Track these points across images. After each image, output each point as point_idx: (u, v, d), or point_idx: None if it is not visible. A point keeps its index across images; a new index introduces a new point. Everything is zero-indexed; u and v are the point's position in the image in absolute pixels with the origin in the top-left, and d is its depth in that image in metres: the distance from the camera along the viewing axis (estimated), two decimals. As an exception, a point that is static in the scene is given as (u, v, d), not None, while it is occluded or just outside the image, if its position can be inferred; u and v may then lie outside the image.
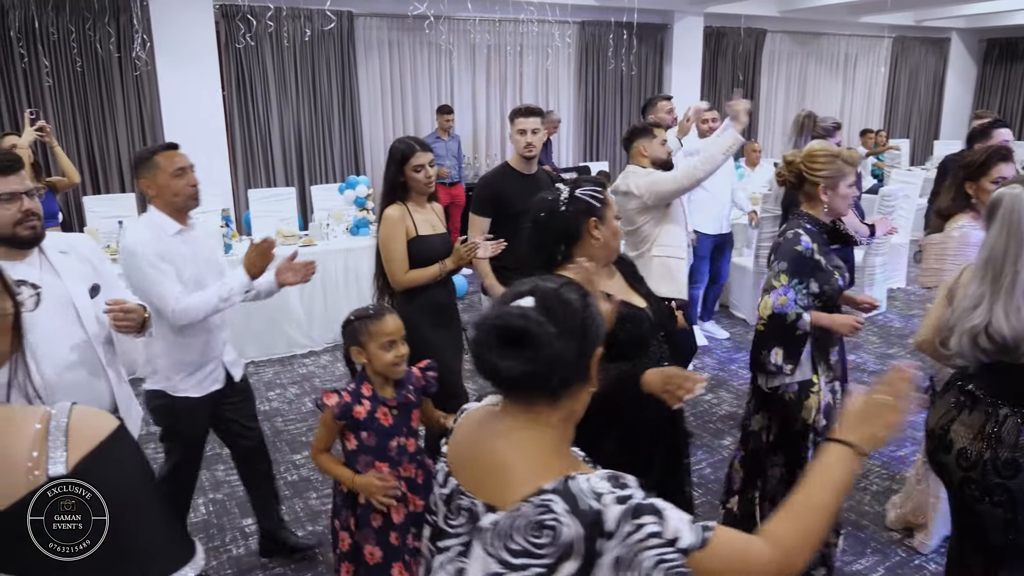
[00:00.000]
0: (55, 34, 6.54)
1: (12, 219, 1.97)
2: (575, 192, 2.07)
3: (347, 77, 7.93)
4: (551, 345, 1.13)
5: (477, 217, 3.49)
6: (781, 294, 2.47)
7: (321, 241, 5.85)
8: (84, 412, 1.03)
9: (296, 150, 7.84)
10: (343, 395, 2.22)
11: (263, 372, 5.39)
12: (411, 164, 3.06)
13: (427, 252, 3.09)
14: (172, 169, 2.56)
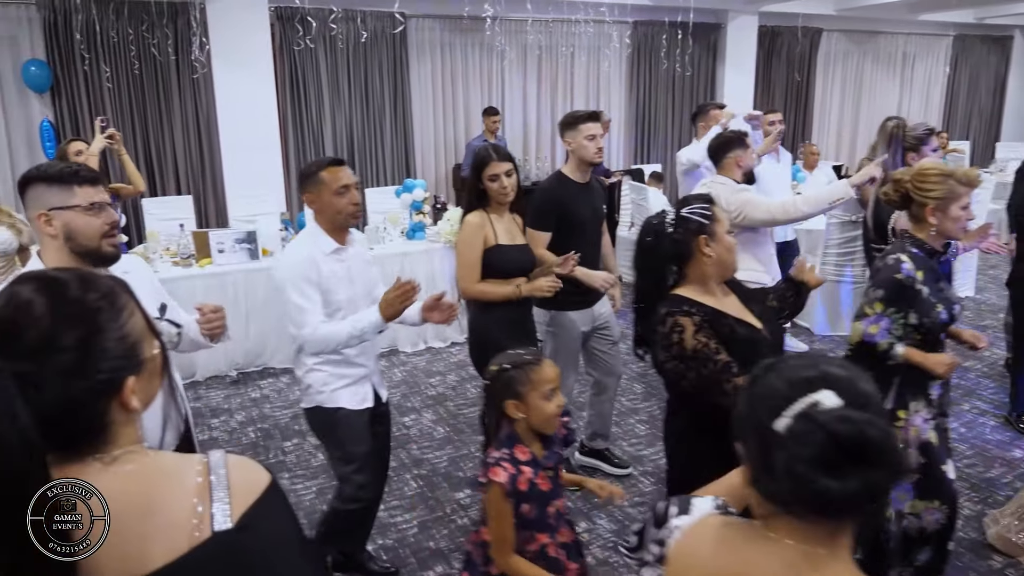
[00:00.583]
0: (115, 37, 6.58)
1: (100, 231, 1.88)
2: (682, 212, 2.04)
3: (399, 79, 7.89)
4: (893, 455, 0.96)
5: (538, 232, 3.29)
6: (873, 322, 2.35)
7: (377, 245, 5.80)
8: (239, 463, 1.01)
9: (348, 152, 7.82)
10: (505, 466, 1.90)
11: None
12: (487, 173, 2.98)
13: (505, 262, 3.00)
14: (336, 186, 2.49)
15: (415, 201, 5.81)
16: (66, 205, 1.83)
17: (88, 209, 1.85)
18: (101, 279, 0.99)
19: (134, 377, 0.96)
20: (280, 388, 5.16)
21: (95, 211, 1.86)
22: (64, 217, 1.82)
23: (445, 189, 8.34)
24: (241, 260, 5.30)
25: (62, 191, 1.84)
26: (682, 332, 1.93)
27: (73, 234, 1.84)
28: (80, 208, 1.84)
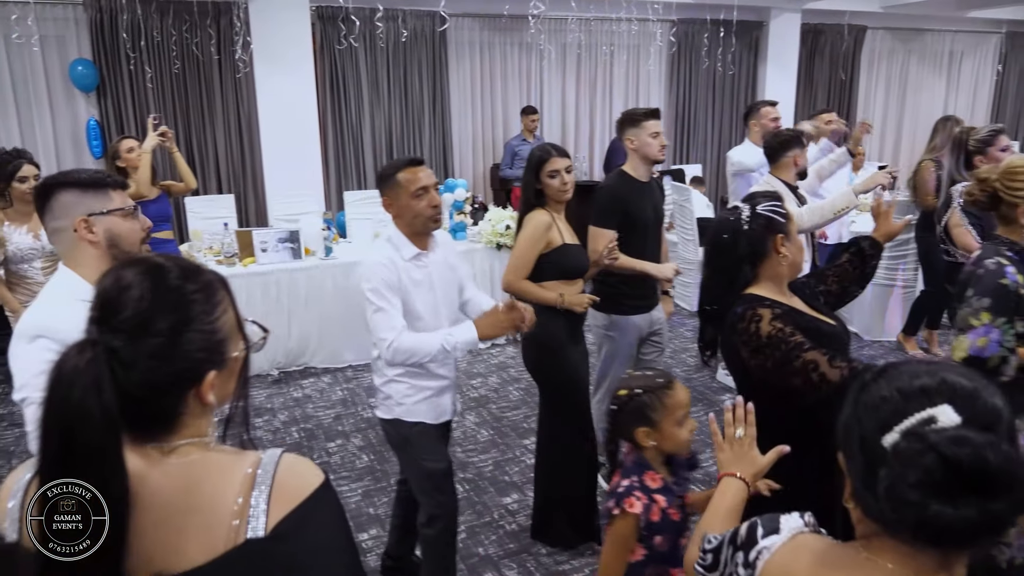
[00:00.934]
0: (158, 37, 6.63)
1: (140, 236, 1.84)
2: (757, 209, 1.95)
3: (438, 79, 7.86)
4: (1021, 484, 0.84)
5: (601, 229, 3.21)
6: (982, 334, 2.13)
7: (418, 245, 5.75)
8: (292, 463, 0.99)
9: (387, 152, 7.80)
10: (639, 496, 1.77)
11: (362, 378, 5.32)
12: (546, 169, 2.94)
13: (570, 262, 2.97)
14: (414, 188, 2.36)
15: (456, 201, 5.76)
16: (106, 210, 1.76)
17: (128, 214, 1.81)
18: (203, 272, 1.01)
19: (215, 372, 0.97)
20: (322, 388, 5.14)
21: (133, 216, 1.83)
22: (106, 223, 1.76)
23: (483, 189, 8.29)
24: (284, 259, 5.29)
25: (98, 196, 1.77)
26: (759, 321, 1.85)
27: (116, 239, 1.78)
28: (120, 212, 1.79)
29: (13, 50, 6.38)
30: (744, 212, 1.96)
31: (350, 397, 4.97)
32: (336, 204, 7.48)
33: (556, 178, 2.92)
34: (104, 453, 0.85)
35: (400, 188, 2.37)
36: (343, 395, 5.01)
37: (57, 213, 1.76)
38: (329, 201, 7.48)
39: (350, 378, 5.32)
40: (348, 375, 5.37)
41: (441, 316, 2.51)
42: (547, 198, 2.97)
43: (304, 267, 5.29)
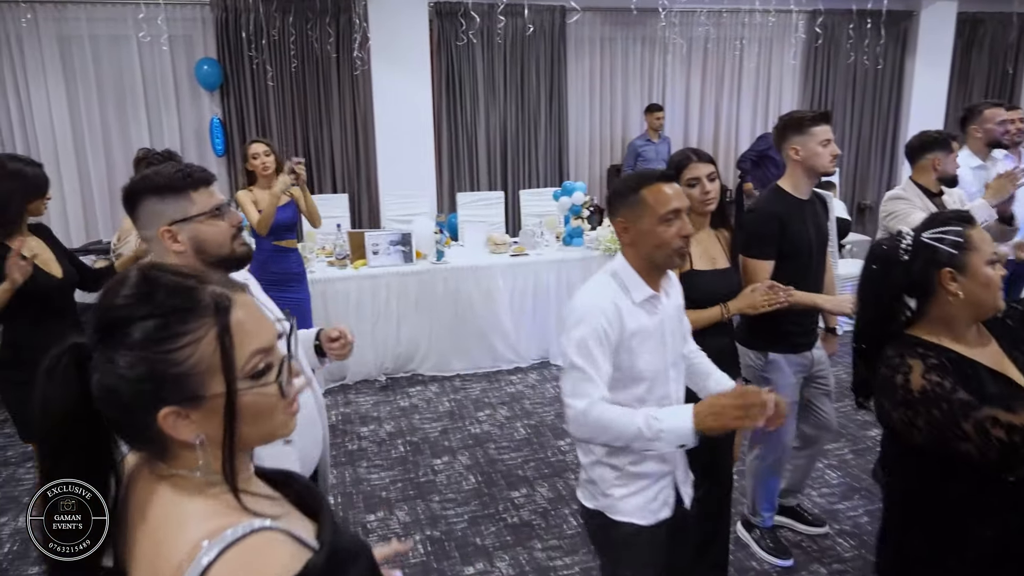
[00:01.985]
0: (276, 35, 6.65)
1: (229, 235, 1.69)
2: (921, 236, 1.63)
3: (556, 75, 7.55)
4: None
5: (759, 262, 2.70)
6: None
7: (532, 251, 5.49)
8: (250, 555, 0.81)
9: (501, 152, 7.57)
10: None
11: (470, 388, 5.10)
12: (684, 176, 2.54)
13: (701, 292, 2.45)
14: (664, 211, 1.85)
15: (574, 205, 5.44)
16: (187, 216, 1.64)
17: (212, 215, 1.66)
18: (192, 293, 0.88)
19: (175, 408, 0.85)
20: (429, 398, 4.95)
21: (219, 215, 1.68)
22: (189, 229, 1.64)
23: (600, 191, 7.93)
24: (395, 262, 5.14)
25: (178, 201, 1.64)
26: (908, 372, 1.54)
27: (202, 245, 1.65)
28: (204, 216, 1.65)
29: (144, 49, 6.54)
30: (905, 239, 1.64)
31: (457, 410, 4.75)
32: (448, 205, 7.32)
33: (696, 187, 2.53)
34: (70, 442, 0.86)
35: (645, 208, 1.87)
36: (450, 407, 4.80)
37: (144, 223, 1.66)
38: (441, 203, 7.32)
39: (457, 388, 5.10)
40: (456, 385, 5.16)
41: (669, 379, 1.96)
42: (693, 209, 2.58)
43: (415, 271, 5.12)
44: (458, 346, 5.30)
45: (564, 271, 5.38)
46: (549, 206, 5.99)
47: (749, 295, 2.52)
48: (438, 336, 5.25)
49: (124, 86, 6.60)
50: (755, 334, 2.86)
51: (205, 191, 1.68)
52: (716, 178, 2.57)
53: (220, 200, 1.70)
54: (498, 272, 5.25)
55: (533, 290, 5.36)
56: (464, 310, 5.24)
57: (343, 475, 3.97)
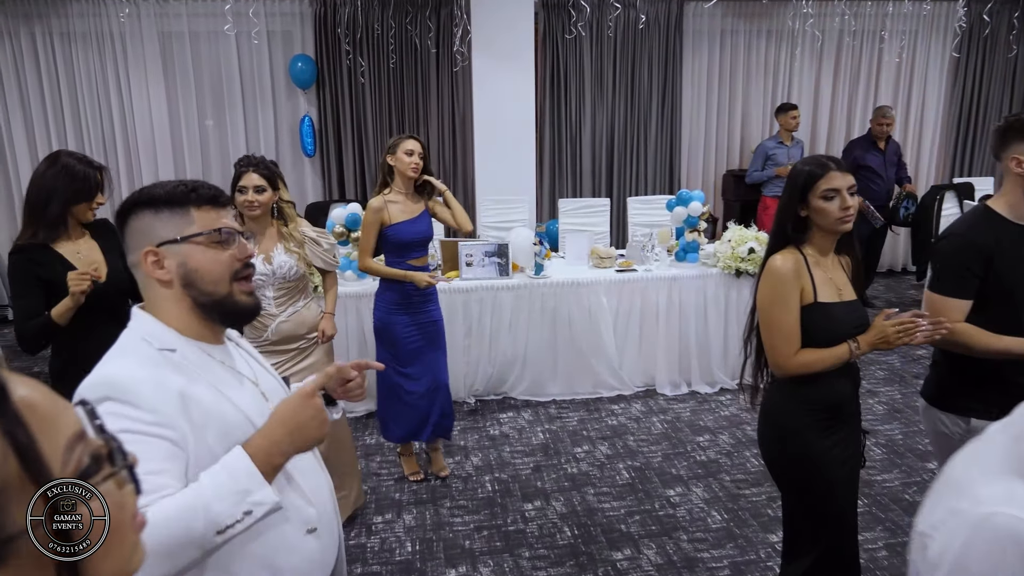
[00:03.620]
0: (378, 29, 6.34)
1: (230, 269, 1.32)
2: None
3: (670, 72, 6.95)
4: None
5: (951, 301, 2.17)
6: None
7: (640, 266, 4.93)
8: None
9: (607, 155, 7.03)
10: None
11: (567, 418, 4.59)
12: (819, 188, 2.06)
13: (826, 329, 2.09)
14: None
15: (690, 216, 4.84)
16: (182, 236, 1.29)
17: (212, 239, 1.30)
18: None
19: None
20: (521, 427, 4.48)
21: (221, 242, 1.31)
22: (180, 253, 1.28)
23: (714, 200, 7.26)
24: (489, 275, 4.70)
25: (174, 217, 1.29)
26: None
27: (193, 276, 1.29)
28: (201, 238, 1.30)
29: (242, 46, 6.39)
30: None
31: (552, 443, 4.25)
32: (548, 212, 6.83)
33: (834, 200, 2.05)
34: None
35: None
36: (544, 439, 4.31)
37: (131, 243, 1.31)
38: (541, 210, 6.85)
39: (553, 417, 4.61)
40: (551, 412, 4.67)
41: None
42: (812, 232, 2.12)
43: (511, 285, 4.66)
44: (555, 369, 4.81)
45: (676, 290, 4.80)
46: (660, 216, 5.40)
47: (881, 326, 2.04)
48: (533, 357, 4.78)
49: (221, 83, 6.47)
50: (953, 391, 2.24)
51: (212, 212, 1.32)
52: (855, 190, 2.10)
53: (231, 225, 1.33)
54: (602, 289, 4.73)
55: (640, 310, 4.80)
56: (563, 330, 4.74)
57: (423, 515, 3.55)
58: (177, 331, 1.28)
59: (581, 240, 5.11)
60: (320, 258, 3.15)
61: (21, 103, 6.31)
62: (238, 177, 2.94)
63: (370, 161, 6.66)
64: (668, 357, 4.87)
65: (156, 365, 1.22)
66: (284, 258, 2.97)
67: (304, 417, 1.25)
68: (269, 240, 2.99)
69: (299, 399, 1.26)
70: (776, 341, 2.11)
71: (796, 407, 2.15)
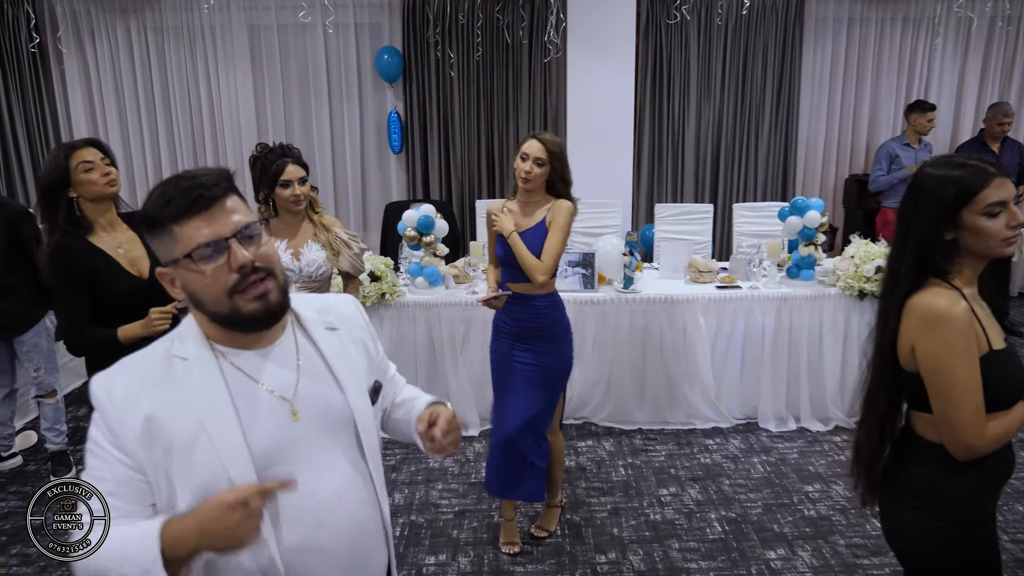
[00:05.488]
0: (463, 20, 5.98)
1: (223, 287, 1.17)
2: None
3: (787, 64, 6.26)
4: None
5: None
6: None
7: (745, 282, 4.34)
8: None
9: (713, 157, 6.41)
10: None
11: (653, 451, 4.07)
12: (981, 203, 1.56)
13: (1007, 382, 1.62)
14: None
15: (806, 227, 4.21)
16: (167, 261, 1.19)
17: (200, 256, 1.15)
18: None
19: None
20: (601, 458, 3.99)
21: (202, 259, 1.15)
22: (178, 274, 1.19)
23: (833, 209, 6.51)
24: (573, 287, 4.24)
25: (162, 238, 1.18)
26: None
27: (196, 298, 1.20)
28: (187, 261, 1.16)
29: (330, 38, 6.19)
30: None
31: (635, 481, 3.74)
32: (644, 218, 6.30)
33: (999, 217, 1.56)
34: None
35: None
36: (626, 476, 3.80)
37: None
38: (637, 215, 6.32)
39: (637, 449, 4.10)
40: (636, 444, 4.16)
41: None
42: (960, 256, 1.62)
43: (596, 299, 4.18)
44: (642, 395, 4.30)
45: (787, 311, 4.19)
46: (771, 226, 4.78)
47: None
48: (618, 380, 4.28)
49: (308, 76, 6.30)
50: None
51: (193, 222, 1.15)
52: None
53: (217, 235, 1.15)
54: (699, 306, 4.18)
55: (744, 332, 4.22)
56: (653, 351, 4.23)
57: (481, 559, 3.13)
58: (206, 336, 1.22)
59: (678, 250, 4.57)
60: (349, 261, 2.94)
61: (116, 97, 6.33)
62: (279, 171, 2.75)
63: (456, 159, 6.32)
64: (774, 387, 4.27)
65: (149, 376, 1.18)
66: (315, 255, 2.82)
67: (215, 526, 1.05)
68: (302, 235, 2.84)
69: (219, 506, 1.06)
70: (963, 415, 1.57)
71: (976, 486, 1.66)
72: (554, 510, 3.33)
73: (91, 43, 6.22)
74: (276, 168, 2.74)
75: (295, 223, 2.86)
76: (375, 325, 4.20)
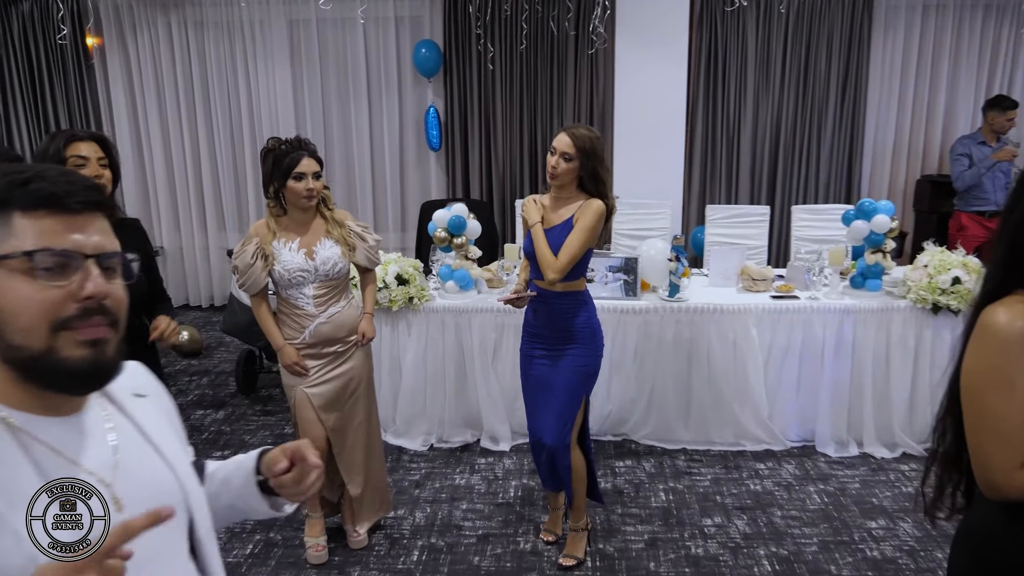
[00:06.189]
0: (508, 11, 5.72)
1: (51, 313, 0.85)
2: None
3: (854, 57, 5.82)
4: None
5: None
6: None
7: (804, 291, 3.97)
8: None
9: (771, 154, 6.01)
10: None
11: (698, 474, 3.74)
12: None
13: None
14: None
15: (874, 233, 3.82)
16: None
17: (39, 263, 0.84)
18: None
19: None
20: (640, 480, 3.68)
21: (49, 268, 0.85)
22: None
23: (902, 212, 6.03)
24: (613, 294, 3.95)
25: None
26: None
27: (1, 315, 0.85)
28: (15, 261, 0.84)
29: (370, 31, 6.02)
30: None
31: (676, 508, 3.42)
32: (695, 220, 5.94)
33: None
34: None
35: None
36: (666, 502, 3.48)
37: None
38: (688, 217, 5.97)
39: (680, 472, 3.77)
40: (679, 466, 3.83)
41: None
42: None
43: (638, 308, 3.88)
44: (687, 412, 3.97)
45: (850, 324, 3.80)
46: (834, 230, 4.39)
47: None
48: (661, 395, 3.97)
49: (347, 71, 6.14)
50: None
51: (52, 220, 0.86)
52: None
53: (76, 246, 0.86)
54: (752, 318, 3.83)
55: (801, 347, 3.85)
56: (700, 365, 3.89)
57: (502, 593, 2.87)
58: None
59: (730, 256, 4.22)
60: (364, 255, 2.85)
61: (157, 92, 6.28)
62: (293, 163, 2.61)
63: (498, 156, 6.07)
64: (834, 408, 3.89)
65: None
66: (329, 253, 2.72)
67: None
68: (314, 233, 2.74)
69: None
70: (991, 446, 1.30)
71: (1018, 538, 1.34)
72: (580, 535, 3.05)
73: (132, 38, 6.17)
74: (291, 160, 2.62)
75: (305, 220, 2.76)
76: (402, 331, 4.01)
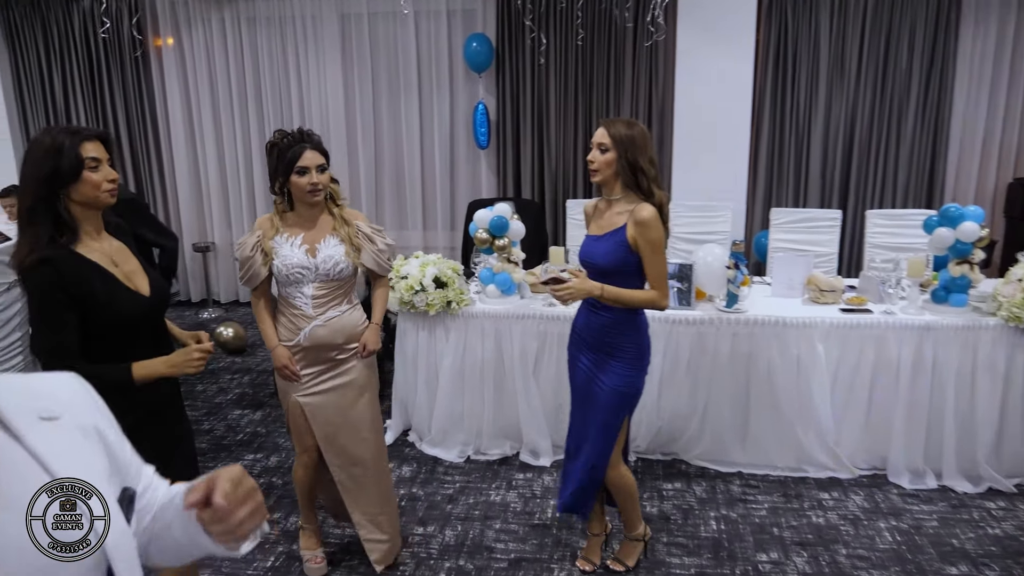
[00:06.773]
0: (563, 2, 5.47)
1: None
2: None
3: (938, 51, 5.37)
4: None
5: None
6: None
7: (879, 305, 3.61)
8: None
9: (844, 155, 5.61)
10: None
11: (754, 502, 3.42)
12: None
13: None
14: None
15: (960, 241, 3.43)
16: None
17: None
18: None
19: None
20: (689, 505, 3.38)
21: None
22: None
23: (992, 218, 5.54)
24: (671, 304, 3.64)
25: None
26: None
27: None
28: None
29: (421, 25, 5.87)
30: None
31: (727, 540, 3.12)
32: (760, 224, 5.58)
33: None
34: None
35: None
36: (717, 532, 3.18)
37: None
38: (751, 220, 5.61)
39: (734, 498, 3.45)
40: (733, 491, 3.52)
41: None
42: None
43: (692, 318, 3.58)
44: (744, 432, 3.66)
45: (930, 342, 3.43)
46: (913, 238, 4.00)
47: None
48: (716, 413, 3.66)
49: (398, 66, 6.00)
50: None
51: None
52: None
53: None
54: (818, 332, 3.49)
55: (873, 365, 3.50)
56: (759, 382, 3.58)
57: (532, 627, 2.63)
58: None
59: (796, 264, 3.88)
60: (372, 258, 2.65)
61: (210, 87, 6.27)
62: (295, 157, 2.46)
63: (550, 153, 5.83)
64: (909, 435, 3.51)
65: None
66: (332, 251, 2.58)
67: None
68: (320, 229, 2.58)
69: None
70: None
71: None
72: (635, 544, 2.90)
73: (188, 33, 6.17)
74: (292, 154, 2.46)
75: (312, 216, 2.59)
76: (439, 337, 3.81)
